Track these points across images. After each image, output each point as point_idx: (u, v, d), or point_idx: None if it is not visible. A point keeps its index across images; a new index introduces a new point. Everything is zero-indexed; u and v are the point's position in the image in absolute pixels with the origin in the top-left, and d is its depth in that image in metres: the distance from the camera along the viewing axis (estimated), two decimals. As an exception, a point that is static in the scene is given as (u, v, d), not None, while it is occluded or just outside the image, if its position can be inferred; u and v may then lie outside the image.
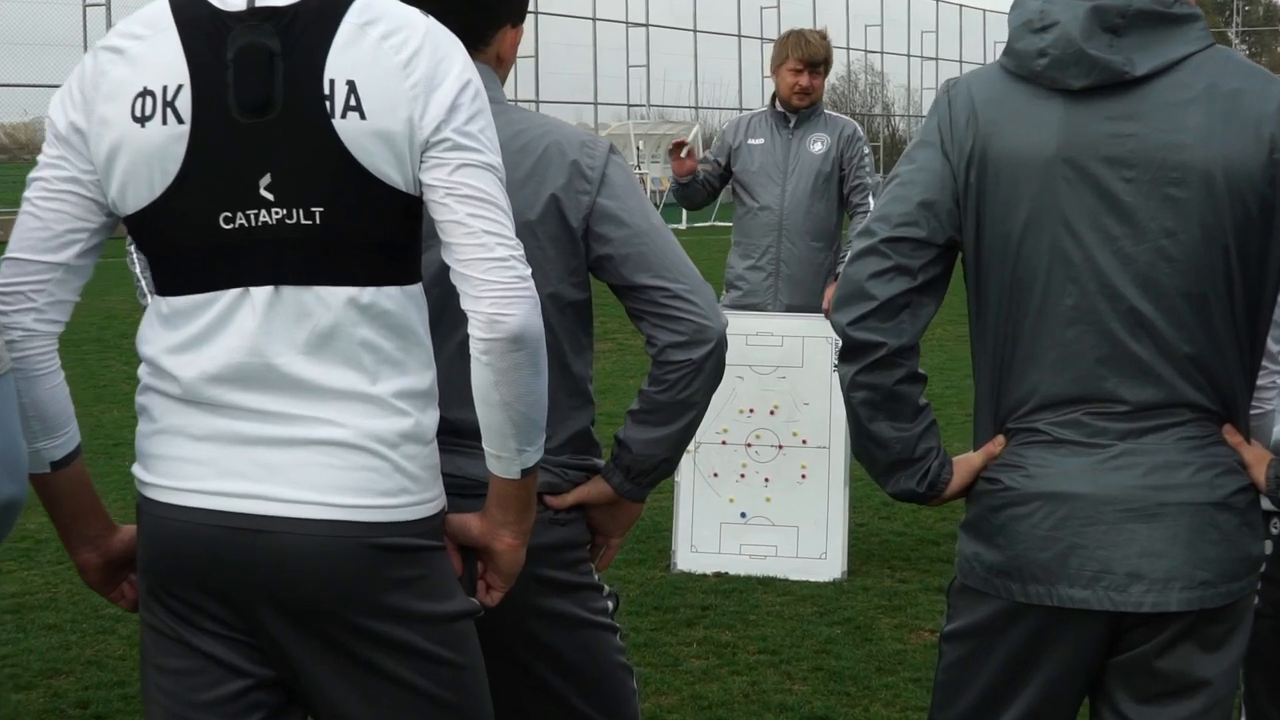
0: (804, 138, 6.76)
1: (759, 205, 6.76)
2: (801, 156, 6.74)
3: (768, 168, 6.74)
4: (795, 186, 6.73)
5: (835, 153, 6.75)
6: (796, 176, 6.73)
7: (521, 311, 2.30)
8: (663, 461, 2.79)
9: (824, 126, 6.82)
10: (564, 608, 2.81)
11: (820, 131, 6.79)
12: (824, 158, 6.73)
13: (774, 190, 6.73)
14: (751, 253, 6.80)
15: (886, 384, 2.62)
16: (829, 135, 6.78)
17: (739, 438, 6.50)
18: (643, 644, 5.42)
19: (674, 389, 2.72)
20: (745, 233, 6.82)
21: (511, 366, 2.31)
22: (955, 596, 2.70)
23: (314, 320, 2.33)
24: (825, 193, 6.76)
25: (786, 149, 6.75)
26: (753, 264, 6.79)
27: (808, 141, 6.75)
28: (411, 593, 2.37)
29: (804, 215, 6.73)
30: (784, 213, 6.71)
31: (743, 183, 6.81)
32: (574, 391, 2.81)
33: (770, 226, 6.73)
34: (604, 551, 2.92)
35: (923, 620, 5.69)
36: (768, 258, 6.75)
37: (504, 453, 2.40)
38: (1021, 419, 2.60)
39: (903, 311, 2.60)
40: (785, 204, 6.71)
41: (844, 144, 6.78)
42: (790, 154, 6.74)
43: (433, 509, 2.42)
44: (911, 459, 2.66)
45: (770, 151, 6.76)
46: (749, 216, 6.80)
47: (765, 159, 6.75)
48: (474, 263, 2.31)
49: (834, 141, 6.77)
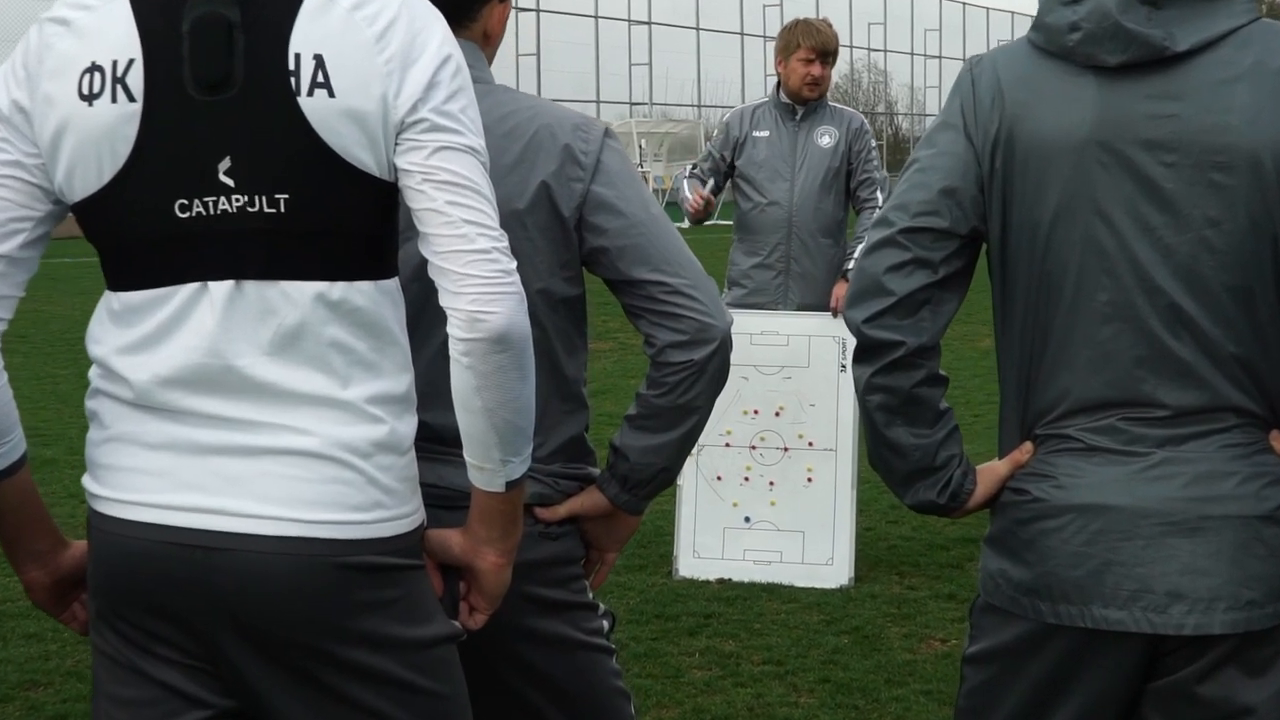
0: (811, 131, 6.62)
1: (767, 201, 6.61)
2: (810, 150, 6.60)
3: (774, 162, 6.59)
4: (805, 182, 6.59)
5: (844, 146, 6.62)
6: (806, 171, 6.59)
7: (505, 309, 2.13)
8: (661, 471, 2.63)
9: (831, 119, 6.68)
10: (555, 629, 2.63)
11: (827, 124, 6.64)
12: (833, 152, 6.60)
13: (782, 185, 6.58)
14: (758, 250, 6.65)
15: (905, 387, 2.47)
16: (836, 128, 6.65)
17: (743, 440, 6.42)
18: (643, 654, 5.34)
19: (674, 392, 2.55)
20: (751, 229, 6.67)
21: (495, 369, 2.14)
22: (979, 616, 2.54)
23: (279, 318, 2.16)
24: (834, 188, 6.62)
25: (794, 142, 6.60)
26: (760, 262, 6.64)
27: (815, 134, 6.60)
28: (386, 616, 2.20)
29: (814, 211, 6.59)
30: (794, 209, 6.57)
31: (748, 177, 6.64)
32: (566, 395, 2.64)
33: (779, 223, 6.59)
34: (599, 568, 2.74)
35: (933, 629, 5.61)
36: (777, 255, 6.61)
37: (487, 464, 2.23)
38: (1052, 424, 2.45)
39: (923, 308, 2.44)
40: (795, 200, 6.57)
41: (852, 137, 6.64)
42: (798, 148, 6.59)
43: (409, 524, 2.25)
44: (931, 468, 2.51)
45: (777, 145, 6.61)
46: (756, 212, 6.64)
47: (772, 152, 6.60)
48: (453, 255, 2.14)
49: (842, 135, 6.63)
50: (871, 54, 50.95)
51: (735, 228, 6.80)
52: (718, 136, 6.77)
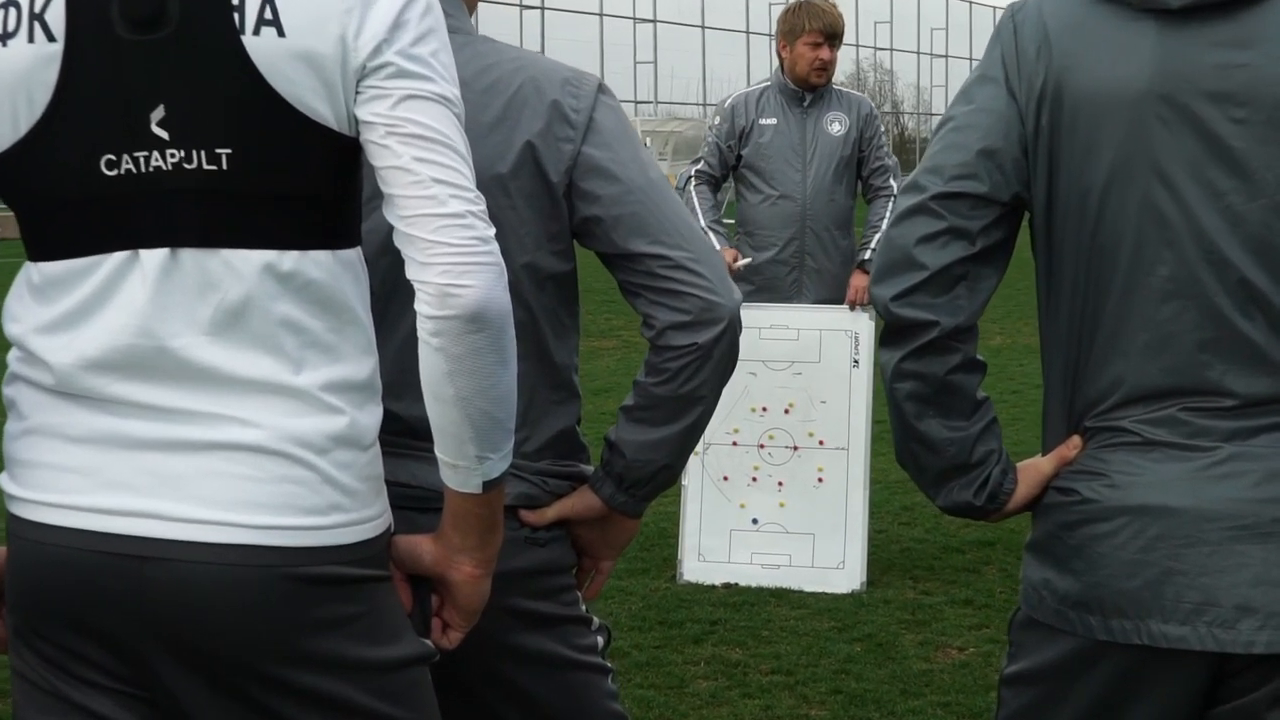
0: (820, 117, 6.40)
1: (778, 194, 6.39)
2: (820, 139, 6.38)
3: (784, 152, 6.36)
4: (817, 172, 6.37)
5: (855, 134, 6.42)
6: (817, 161, 6.37)
7: (481, 282, 1.88)
8: (662, 469, 2.37)
9: (839, 105, 6.46)
10: (543, 646, 2.37)
11: (836, 110, 6.43)
12: (844, 140, 6.39)
13: (794, 177, 6.36)
14: (769, 245, 6.42)
15: (938, 373, 2.23)
16: (846, 114, 6.43)
17: (751, 438, 6.25)
18: (645, 663, 5.17)
19: (676, 380, 2.30)
20: (760, 224, 6.45)
21: (469, 352, 1.89)
22: (1020, 632, 2.30)
23: (221, 292, 1.91)
24: (845, 177, 6.43)
25: (803, 130, 6.37)
26: (773, 257, 6.42)
27: (825, 122, 6.39)
28: (346, 635, 1.95)
29: (827, 203, 6.39)
30: (807, 201, 6.36)
31: (756, 168, 6.41)
32: (555, 383, 2.38)
33: (792, 217, 6.38)
34: (593, 577, 2.48)
35: (949, 637, 5.45)
36: (791, 250, 6.40)
37: (461, 461, 1.97)
38: (1103, 416, 2.21)
39: (958, 284, 2.21)
40: (808, 192, 6.36)
41: (863, 124, 6.43)
42: (808, 136, 6.37)
43: (373, 530, 1.99)
44: (968, 464, 2.27)
45: (786, 134, 6.38)
46: (766, 206, 6.41)
47: (781, 142, 6.37)
48: (421, 220, 1.89)
49: (853, 121, 6.42)
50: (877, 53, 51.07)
51: (740, 221, 6.58)
52: (720, 125, 6.48)
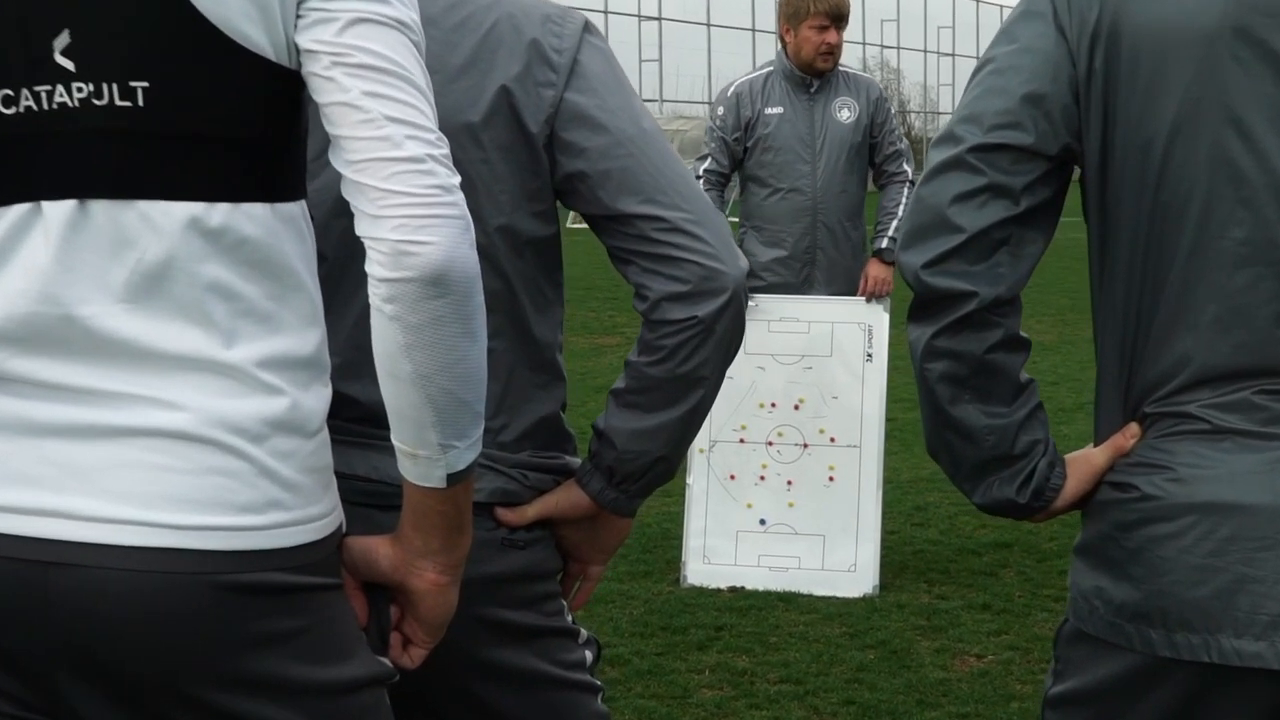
0: (828, 104, 6.16)
1: (787, 187, 6.16)
2: (829, 127, 6.15)
3: (792, 143, 6.13)
4: (827, 163, 6.15)
5: (865, 119, 6.19)
6: (827, 152, 6.14)
7: (443, 238, 1.63)
8: (657, 461, 2.11)
9: (847, 89, 6.22)
10: (523, 662, 2.11)
11: (845, 96, 6.19)
12: (854, 127, 6.17)
13: (803, 169, 6.14)
14: (779, 241, 6.20)
15: (976, 351, 1.97)
16: (855, 99, 6.20)
17: (759, 435, 6.09)
18: (646, 671, 5.00)
19: (673, 359, 2.04)
20: (768, 219, 6.22)
21: (429, 321, 1.64)
22: (1067, 646, 2.04)
23: (138, 251, 1.65)
24: (856, 166, 6.21)
25: (810, 119, 6.14)
26: (783, 254, 6.19)
27: (833, 109, 6.15)
28: (286, 654, 1.68)
29: (838, 195, 6.17)
30: (817, 195, 6.14)
31: (763, 161, 6.18)
32: (537, 363, 2.13)
33: (802, 211, 6.16)
34: (580, 584, 2.22)
35: (967, 643, 5.26)
36: (803, 246, 6.19)
37: (421, 449, 1.71)
38: (1166, 400, 1.95)
39: (999, 250, 1.95)
40: (819, 185, 6.14)
41: (873, 108, 6.21)
42: (816, 125, 6.13)
43: (319, 530, 1.73)
44: (1009, 456, 2.01)
45: (793, 123, 6.14)
46: (774, 200, 6.19)
47: (788, 132, 6.13)
48: (372, 165, 1.63)
49: (862, 107, 6.19)
50: (884, 52, 50.90)
51: (745, 215, 6.35)
52: (725, 117, 6.22)
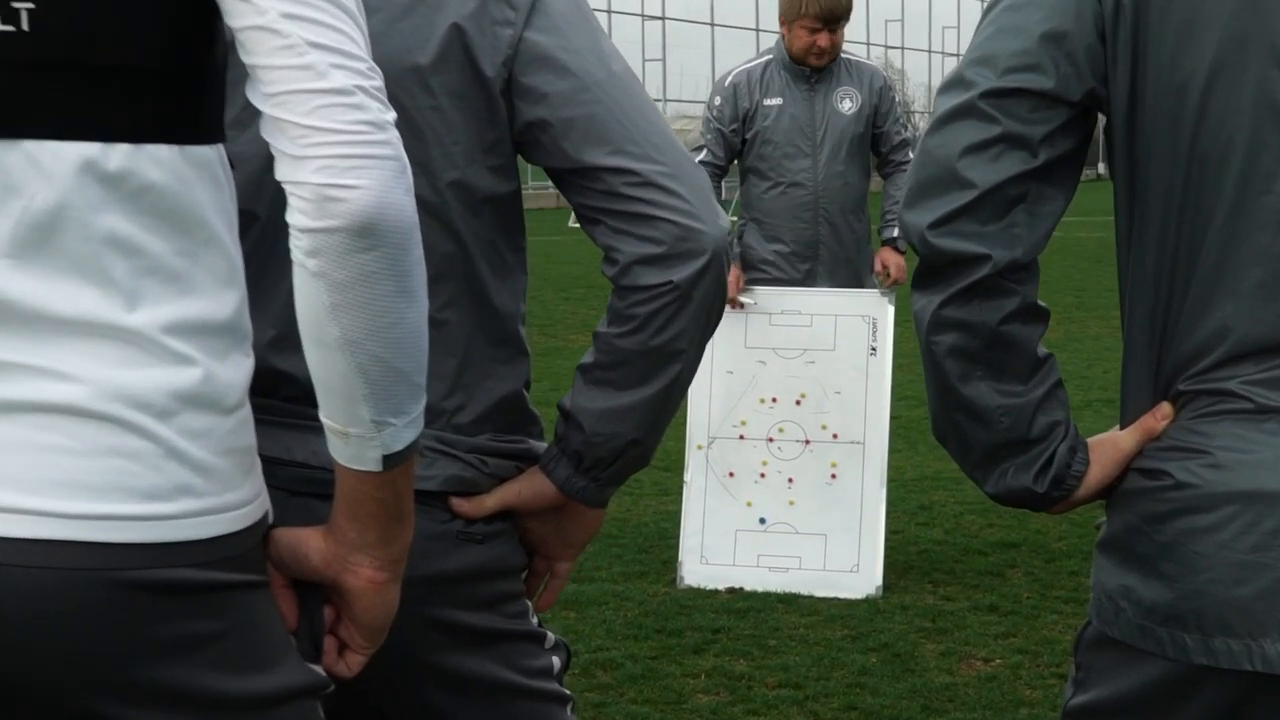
0: (829, 95, 6.00)
1: (787, 181, 6.02)
2: (830, 119, 5.99)
3: (793, 135, 5.98)
4: (829, 156, 5.99)
5: (868, 109, 6.02)
6: (829, 144, 5.99)
7: (374, 182, 1.43)
8: (630, 444, 1.91)
9: (849, 78, 6.04)
10: (482, 669, 1.91)
11: (846, 85, 6.02)
12: (856, 118, 6.01)
13: (804, 163, 5.99)
14: (780, 235, 6.05)
15: (989, 322, 1.77)
16: (857, 89, 6.03)
17: (759, 431, 5.96)
18: (640, 675, 4.86)
19: (646, 329, 1.85)
20: (769, 213, 6.07)
21: (359, 278, 1.44)
22: (1090, 653, 1.84)
23: (24, 199, 1.45)
24: (859, 158, 6.06)
25: (811, 110, 5.98)
26: (784, 249, 6.05)
27: (834, 99, 5.99)
28: (201, 662, 1.48)
29: (840, 188, 6.02)
30: (819, 189, 6.00)
31: (763, 154, 6.03)
32: (497, 336, 1.93)
33: (804, 206, 6.01)
34: (547, 582, 2.02)
35: (973, 646, 5.12)
36: (804, 241, 6.04)
37: (353, 427, 1.51)
38: (1203, 376, 1.75)
39: (1015, 208, 1.75)
40: (820, 179, 6.00)
41: (876, 97, 6.03)
42: (817, 117, 5.97)
43: (238, 520, 1.52)
44: (1026, 440, 1.81)
45: (793, 115, 5.98)
46: (775, 193, 6.04)
47: (789, 124, 5.98)
48: (291, 99, 1.43)
49: (865, 96, 6.02)
50: (888, 52, 50.80)
51: (745, 206, 6.20)
52: (722, 107, 6.05)
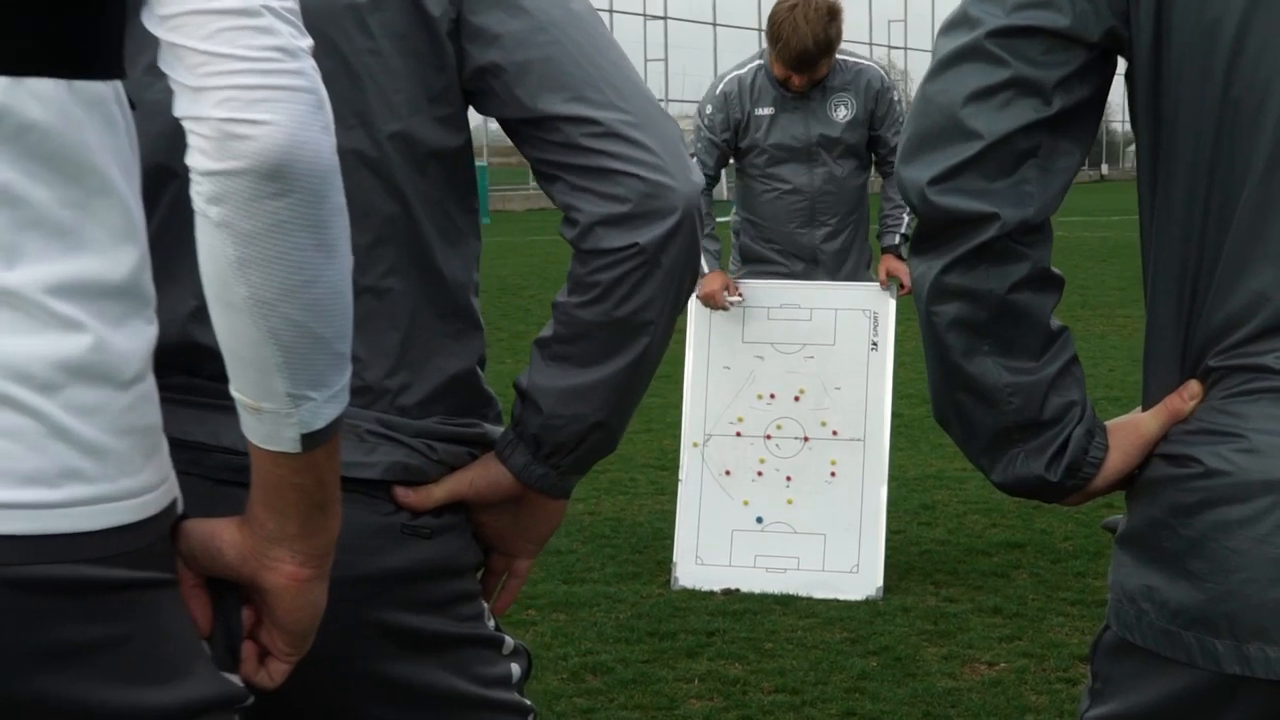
0: (824, 102, 5.87)
1: (785, 188, 5.93)
2: (825, 129, 5.88)
3: (787, 143, 5.86)
4: (825, 166, 5.90)
5: (863, 114, 5.89)
6: (824, 154, 5.89)
7: (285, 117, 1.25)
8: (594, 428, 1.74)
9: (843, 84, 5.89)
10: (431, 678, 1.72)
11: (841, 92, 5.89)
12: (852, 125, 5.89)
13: (799, 170, 5.89)
14: (775, 238, 5.99)
15: (997, 290, 1.59)
16: (852, 95, 5.89)
17: (756, 428, 5.87)
18: (631, 680, 4.75)
19: (609, 298, 1.69)
20: (765, 215, 5.99)
21: (268, 229, 1.27)
22: (1109, 660, 1.66)
23: None
24: (857, 163, 5.97)
25: (805, 122, 5.85)
26: (781, 249, 5.99)
27: (829, 107, 5.87)
28: (94, 671, 1.30)
29: (837, 193, 5.94)
30: (816, 195, 5.91)
31: (757, 163, 5.93)
32: (447, 308, 1.76)
33: (800, 211, 5.94)
34: (505, 582, 1.84)
35: (977, 650, 5.02)
36: (802, 243, 5.97)
37: (266, 402, 1.34)
38: (1237, 351, 1.58)
39: (1026, 162, 1.58)
40: (817, 185, 5.90)
41: (873, 102, 5.89)
42: (811, 128, 5.85)
43: (138, 510, 1.34)
44: (1037, 422, 1.63)
45: (786, 125, 5.86)
46: (771, 197, 5.94)
47: (781, 136, 5.86)
48: (188, 21, 1.26)
49: (861, 102, 5.88)
50: (891, 52, 50.74)
51: (741, 205, 6.10)
52: (714, 116, 5.90)
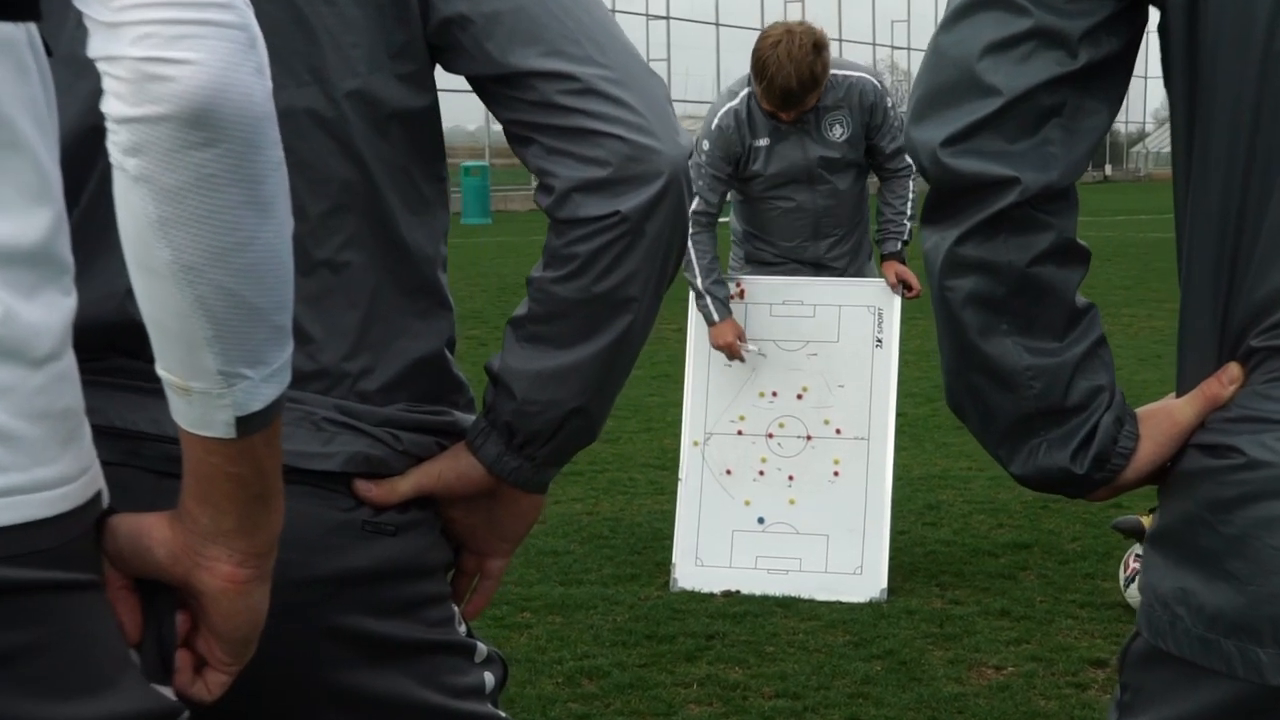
0: (819, 124, 5.79)
1: (787, 206, 5.92)
2: (823, 151, 5.83)
3: (787, 170, 5.83)
4: (825, 185, 5.88)
5: (860, 128, 5.83)
6: (824, 174, 5.87)
7: (212, 56, 1.13)
8: (572, 414, 1.60)
9: (838, 102, 5.80)
10: (395, 688, 1.58)
11: (836, 111, 5.80)
12: (851, 142, 5.83)
13: (802, 189, 5.86)
14: (779, 248, 5.99)
15: (1018, 262, 1.46)
16: (848, 111, 5.81)
17: (758, 427, 5.82)
18: (627, 685, 4.68)
19: (588, 272, 1.55)
20: (768, 231, 5.98)
21: (193, 183, 1.14)
22: (1139, 669, 1.53)
23: None
24: (857, 175, 5.95)
25: (803, 145, 5.78)
26: (784, 254, 5.98)
27: (824, 127, 5.80)
28: (8, 683, 1.16)
29: (840, 207, 5.93)
30: (820, 212, 5.91)
31: (759, 190, 5.90)
32: (412, 284, 1.62)
33: (804, 226, 5.94)
34: (478, 583, 1.70)
35: (984, 654, 4.95)
36: (807, 255, 5.97)
37: (195, 380, 1.20)
38: None
39: (1050, 120, 1.44)
40: (820, 203, 5.89)
41: (867, 114, 5.81)
42: (809, 149, 5.80)
43: (55, 503, 1.20)
44: (1061, 409, 1.50)
45: (783, 155, 5.80)
46: (775, 215, 5.94)
47: (780, 165, 5.82)
48: None
49: (856, 117, 5.81)
50: (894, 53, 50.74)
51: (743, 220, 6.07)
52: (712, 152, 5.79)
